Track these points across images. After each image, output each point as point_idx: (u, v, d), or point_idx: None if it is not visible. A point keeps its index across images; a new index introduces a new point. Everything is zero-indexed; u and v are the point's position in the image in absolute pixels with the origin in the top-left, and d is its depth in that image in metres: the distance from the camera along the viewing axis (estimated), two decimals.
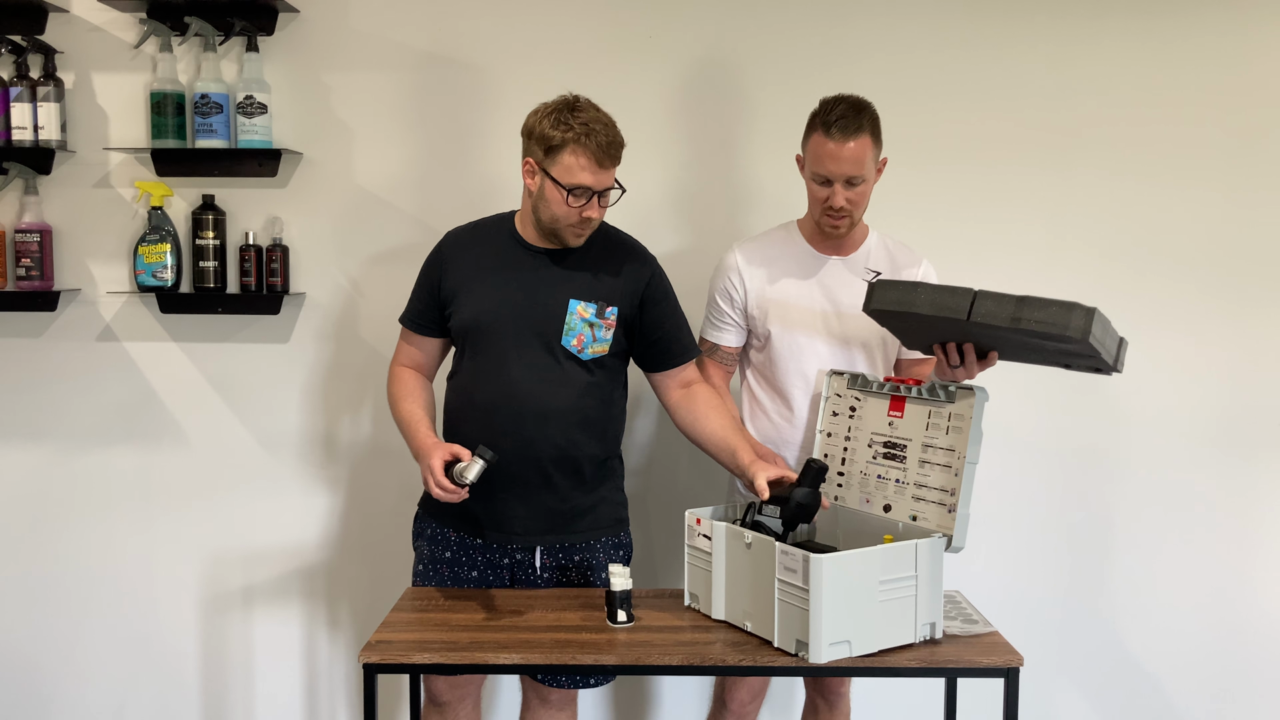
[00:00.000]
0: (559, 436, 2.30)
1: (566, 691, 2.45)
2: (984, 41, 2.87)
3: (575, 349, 2.30)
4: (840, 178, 2.31)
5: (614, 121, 2.23)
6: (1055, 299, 1.94)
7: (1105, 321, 1.97)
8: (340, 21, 2.92)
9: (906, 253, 2.48)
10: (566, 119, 2.17)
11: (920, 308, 2.06)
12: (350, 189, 2.96)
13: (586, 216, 2.23)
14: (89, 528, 3.05)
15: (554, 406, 2.29)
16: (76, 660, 3.09)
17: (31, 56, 2.89)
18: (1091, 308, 1.92)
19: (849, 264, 2.45)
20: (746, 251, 2.50)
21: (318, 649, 3.09)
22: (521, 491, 2.32)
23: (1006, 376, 2.79)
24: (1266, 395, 2.93)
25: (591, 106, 2.22)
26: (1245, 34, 2.85)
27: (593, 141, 2.16)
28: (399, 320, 2.46)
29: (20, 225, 2.91)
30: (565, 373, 2.30)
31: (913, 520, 2.14)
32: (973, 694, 2.37)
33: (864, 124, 2.30)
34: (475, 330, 2.32)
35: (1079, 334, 1.91)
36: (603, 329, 2.32)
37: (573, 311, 2.29)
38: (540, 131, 2.20)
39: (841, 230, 2.39)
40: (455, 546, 2.39)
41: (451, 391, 2.40)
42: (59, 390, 3.02)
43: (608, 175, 2.21)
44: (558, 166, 2.19)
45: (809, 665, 1.93)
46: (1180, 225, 2.90)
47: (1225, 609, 2.98)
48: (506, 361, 2.29)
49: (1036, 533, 2.99)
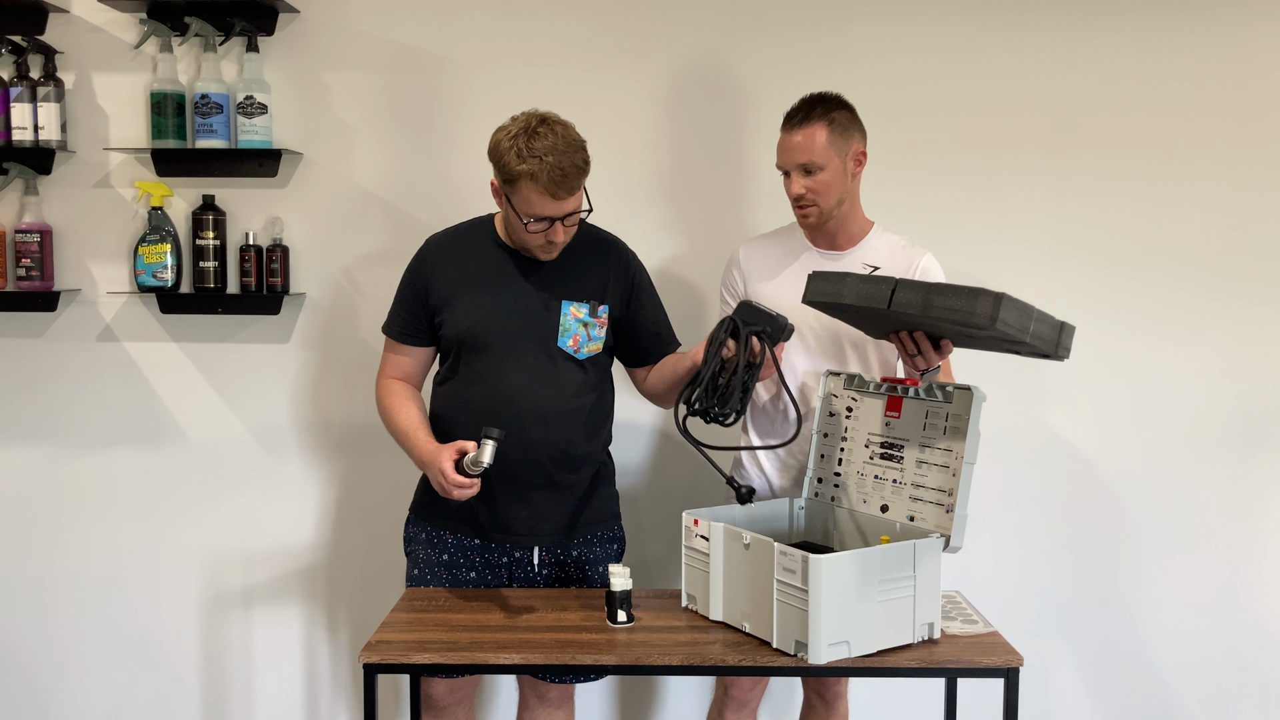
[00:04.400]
0: (558, 437, 2.31)
1: (564, 689, 2.46)
2: (985, 42, 2.87)
3: (571, 349, 2.32)
4: (791, 166, 2.38)
5: (579, 141, 2.19)
6: (965, 286, 1.97)
7: (1023, 307, 1.98)
8: (340, 21, 2.92)
9: (908, 248, 2.48)
10: (524, 149, 2.14)
11: (847, 299, 2.10)
12: (350, 189, 2.96)
13: (552, 240, 2.24)
14: (89, 528, 3.05)
15: (553, 409, 2.31)
16: (76, 660, 3.09)
17: (32, 57, 2.89)
18: (999, 294, 1.93)
19: (845, 260, 2.46)
20: (748, 249, 2.55)
21: (318, 649, 3.10)
22: (524, 492, 2.33)
23: (1007, 377, 2.81)
24: (1268, 395, 2.93)
25: (552, 131, 2.16)
26: (1246, 34, 2.85)
27: (546, 176, 2.13)
28: (383, 331, 2.44)
29: (20, 225, 2.91)
30: (562, 374, 2.32)
31: (910, 520, 2.14)
32: (973, 694, 2.38)
33: (815, 114, 2.36)
34: (471, 339, 2.32)
35: (985, 320, 1.93)
36: (596, 328, 2.34)
37: (566, 313, 2.32)
38: (499, 159, 2.19)
39: (811, 220, 2.42)
40: (453, 549, 2.39)
41: (444, 398, 2.39)
42: (59, 390, 3.02)
43: (567, 203, 2.20)
44: (517, 196, 2.19)
45: (808, 665, 1.93)
46: (1181, 225, 2.90)
47: (1227, 609, 2.98)
48: (504, 367, 2.30)
49: (1036, 533, 2.99)
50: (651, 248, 2.83)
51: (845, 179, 2.39)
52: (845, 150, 2.37)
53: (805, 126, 2.36)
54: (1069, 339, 2.11)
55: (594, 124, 2.91)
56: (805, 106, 2.39)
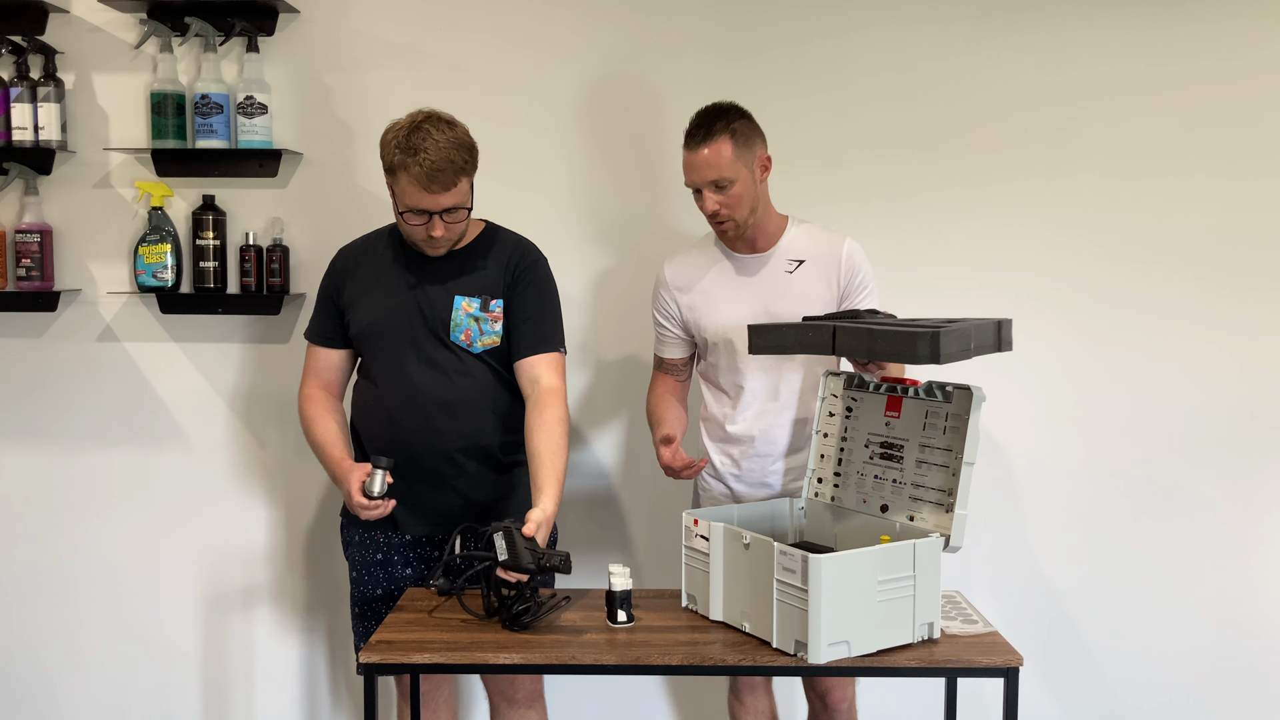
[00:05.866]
0: (464, 426, 2.34)
1: (533, 688, 2.48)
2: (985, 40, 2.87)
3: (465, 343, 2.35)
4: (701, 183, 2.36)
5: (464, 141, 2.23)
6: (903, 329, 1.99)
7: (961, 331, 2.01)
8: (340, 21, 2.92)
9: (827, 238, 2.47)
10: (404, 141, 2.20)
11: (790, 349, 2.12)
12: (350, 189, 2.96)
13: (432, 235, 2.27)
14: (89, 528, 3.05)
15: (456, 398, 2.34)
16: (77, 660, 3.09)
17: (32, 57, 2.89)
18: (935, 331, 1.95)
19: (769, 260, 2.47)
20: (673, 268, 2.55)
21: (317, 649, 3.10)
22: (434, 481, 2.36)
23: (1007, 377, 2.81)
24: (1268, 394, 2.93)
25: (436, 128, 2.21)
26: (1245, 30, 2.85)
27: (418, 168, 2.18)
28: (305, 336, 2.51)
29: (20, 225, 2.91)
30: (464, 365, 2.35)
31: (910, 520, 2.14)
32: (973, 694, 2.38)
33: (716, 129, 2.34)
34: (372, 334, 2.37)
35: (928, 360, 1.95)
36: (488, 322, 2.36)
37: (458, 307, 2.34)
38: (384, 149, 2.25)
39: (729, 233, 2.43)
40: (385, 548, 2.44)
41: (357, 395, 2.45)
42: (59, 390, 3.02)
43: (442, 198, 2.23)
44: (397, 188, 2.25)
45: (808, 665, 1.93)
46: (1181, 224, 2.90)
47: (1227, 609, 2.98)
48: (404, 361, 2.35)
49: (1037, 533, 2.99)
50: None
51: (755, 187, 2.39)
52: (751, 160, 2.37)
53: (710, 143, 2.33)
54: (1009, 332, 2.16)
55: (594, 124, 2.94)
56: (705, 121, 2.36)
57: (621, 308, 2.96)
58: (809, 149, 2.87)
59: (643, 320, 2.88)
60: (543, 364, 2.36)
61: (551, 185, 2.94)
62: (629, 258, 2.95)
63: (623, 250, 2.96)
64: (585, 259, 2.95)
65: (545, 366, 2.36)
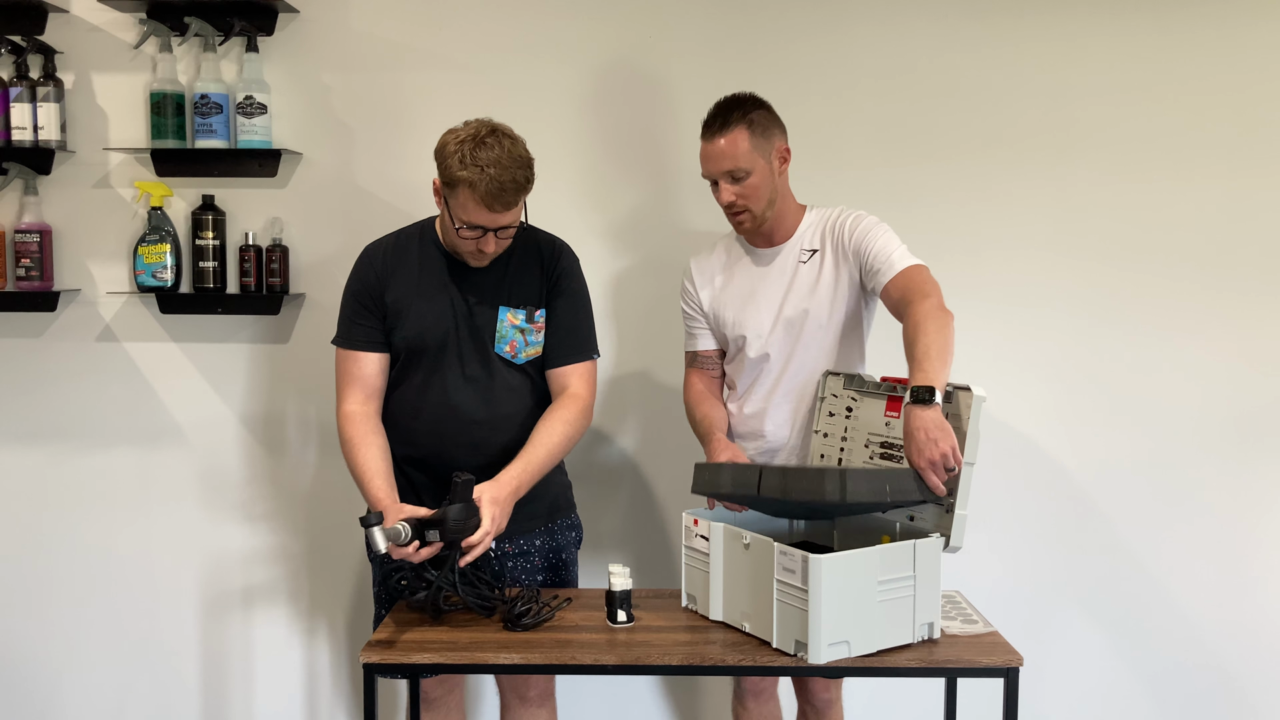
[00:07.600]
0: (505, 438, 2.32)
1: (545, 687, 2.47)
2: (985, 39, 2.87)
3: (509, 355, 2.33)
4: (717, 174, 2.35)
5: (524, 158, 2.19)
6: (811, 468, 2.03)
7: (871, 474, 2.01)
8: (340, 21, 2.92)
9: (836, 220, 2.44)
10: (468, 155, 2.15)
11: (724, 489, 2.13)
12: (350, 189, 2.96)
13: (483, 250, 2.25)
14: (89, 528, 3.05)
15: (498, 411, 2.32)
16: (76, 660, 3.09)
17: (31, 57, 2.89)
18: (843, 469, 1.98)
19: (785, 253, 2.45)
20: (697, 263, 2.54)
21: (318, 649, 3.10)
22: None
23: (1007, 376, 2.81)
24: (1268, 394, 2.93)
25: (499, 143, 2.16)
26: (1247, 30, 2.85)
27: (483, 187, 2.14)
28: (338, 344, 2.38)
29: (20, 225, 2.91)
30: (505, 379, 2.33)
31: (910, 520, 2.14)
32: (973, 694, 2.37)
33: (733, 119, 2.32)
34: (419, 346, 2.33)
35: (835, 497, 1.95)
36: (533, 333, 2.35)
37: (503, 319, 2.33)
38: (443, 160, 2.19)
39: (746, 226, 2.40)
40: None
41: (396, 404, 2.38)
42: (59, 390, 3.02)
43: (502, 216, 2.20)
44: (454, 201, 2.20)
45: (809, 665, 1.93)
46: (1182, 223, 2.90)
47: (1227, 609, 2.98)
48: (448, 374, 2.32)
49: (1037, 533, 2.99)
50: (641, 259, 2.84)
51: (773, 179, 2.36)
52: (769, 150, 2.35)
53: (726, 132, 2.32)
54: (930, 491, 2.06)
55: (594, 123, 2.94)
56: (722, 112, 2.34)
57: (627, 307, 2.96)
58: (809, 148, 2.86)
59: (651, 318, 2.88)
60: (575, 374, 2.37)
61: (554, 184, 2.93)
62: (633, 256, 2.95)
63: (626, 249, 2.96)
64: (590, 258, 2.93)
65: (577, 376, 2.37)
